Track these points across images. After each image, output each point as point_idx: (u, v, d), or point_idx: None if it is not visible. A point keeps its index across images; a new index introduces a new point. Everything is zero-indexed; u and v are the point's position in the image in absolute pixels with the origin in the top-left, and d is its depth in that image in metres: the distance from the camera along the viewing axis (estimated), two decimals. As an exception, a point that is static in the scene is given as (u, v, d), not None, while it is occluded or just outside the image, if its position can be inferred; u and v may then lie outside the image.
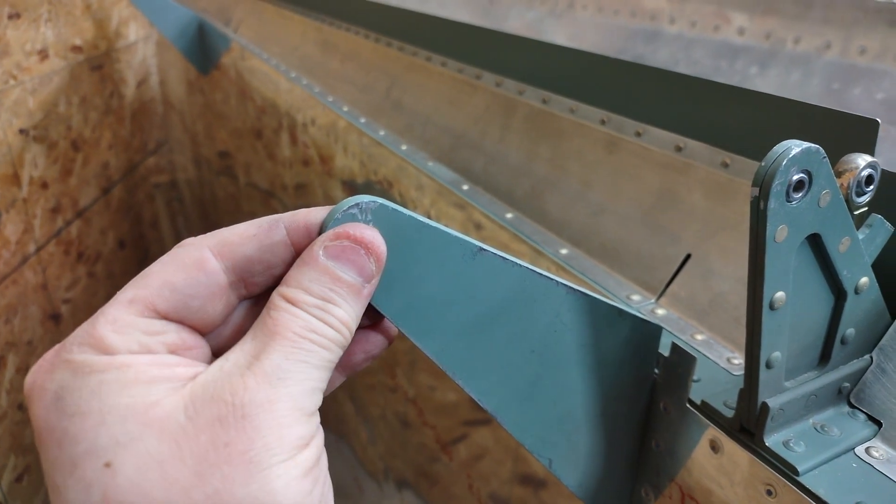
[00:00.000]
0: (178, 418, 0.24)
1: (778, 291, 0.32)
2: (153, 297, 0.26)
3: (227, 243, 0.28)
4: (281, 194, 1.35)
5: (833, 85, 0.88)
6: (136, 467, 0.23)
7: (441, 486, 0.84)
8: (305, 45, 1.31)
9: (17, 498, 1.43)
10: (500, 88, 0.76)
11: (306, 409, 0.25)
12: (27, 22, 1.50)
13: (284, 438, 0.24)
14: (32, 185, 1.51)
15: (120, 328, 0.26)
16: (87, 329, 0.26)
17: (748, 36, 0.98)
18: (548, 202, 0.63)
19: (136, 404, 0.24)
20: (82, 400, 0.24)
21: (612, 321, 0.37)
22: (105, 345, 0.25)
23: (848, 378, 0.37)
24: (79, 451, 0.23)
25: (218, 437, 0.23)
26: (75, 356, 0.25)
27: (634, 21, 1.13)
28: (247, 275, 0.28)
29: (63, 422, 0.24)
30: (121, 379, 0.24)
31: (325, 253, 0.27)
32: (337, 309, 0.27)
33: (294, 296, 0.26)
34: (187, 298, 0.27)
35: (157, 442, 0.23)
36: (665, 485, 0.41)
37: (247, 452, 0.23)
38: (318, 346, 0.26)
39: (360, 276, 0.27)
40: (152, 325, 0.26)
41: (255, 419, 0.24)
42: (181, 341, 0.27)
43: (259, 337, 0.26)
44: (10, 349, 1.40)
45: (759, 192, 0.29)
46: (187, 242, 0.28)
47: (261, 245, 0.28)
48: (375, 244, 0.27)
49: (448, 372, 0.32)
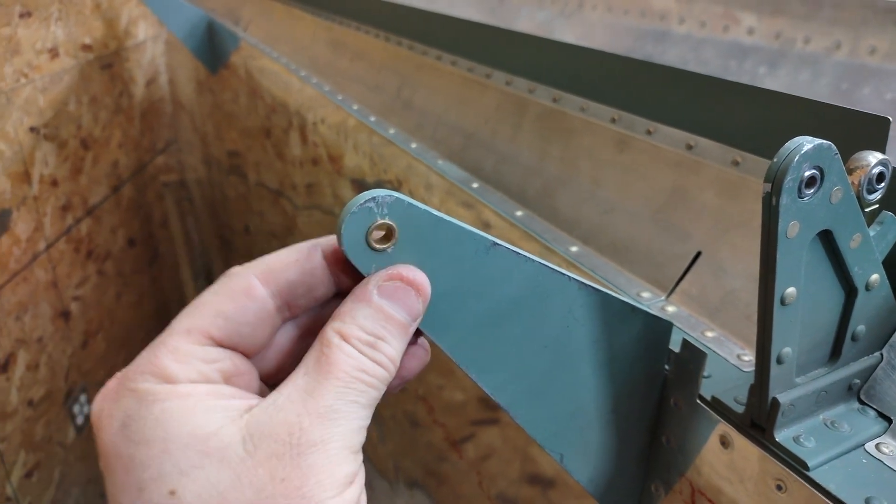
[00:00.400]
0: (238, 451, 0.25)
1: (789, 287, 0.32)
2: (208, 327, 0.28)
3: (272, 270, 0.29)
4: (290, 193, 1.36)
5: (842, 85, 0.88)
6: (197, 495, 0.25)
7: (449, 485, 0.85)
8: (315, 44, 1.32)
9: (28, 494, 1.44)
10: (510, 87, 0.76)
11: (354, 446, 0.27)
12: (38, 21, 1.51)
13: (335, 476, 0.26)
14: (43, 183, 1.52)
15: (180, 357, 0.27)
16: (149, 358, 0.27)
17: (757, 36, 0.98)
18: (558, 200, 0.63)
19: (197, 434, 0.25)
20: (147, 428, 0.25)
21: (624, 317, 0.37)
22: (167, 374, 0.27)
23: (858, 375, 0.38)
24: (145, 478, 0.25)
25: (276, 471, 0.25)
26: (139, 385, 0.27)
27: (644, 21, 1.13)
28: (290, 298, 0.30)
29: (130, 448, 0.25)
30: (182, 408, 0.26)
31: (379, 292, 0.28)
32: (386, 346, 0.28)
33: (348, 331, 0.28)
34: (239, 326, 0.29)
35: (216, 471, 0.25)
36: (675, 480, 0.41)
37: (301, 488, 0.25)
38: (368, 385, 0.27)
39: (409, 316, 0.29)
40: (209, 354, 0.28)
41: (310, 457, 0.25)
42: (234, 368, 0.29)
43: (312, 374, 0.27)
44: (20, 346, 1.41)
45: (771, 188, 0.29)
46: (234, 272, 0.30)
47: (302, 270, 0.30)
48: (425, 287, 0.29)
49: (462, 366, 0.33)
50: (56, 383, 1.56)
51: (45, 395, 1.51)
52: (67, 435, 1.62)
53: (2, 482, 1.34)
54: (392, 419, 1.00)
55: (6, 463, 1.36)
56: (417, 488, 0.95)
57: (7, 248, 1.37)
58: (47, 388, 1.52)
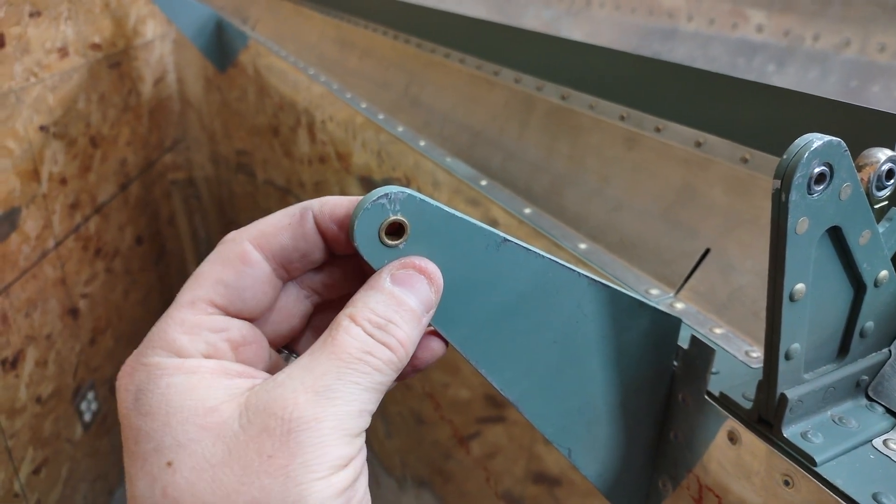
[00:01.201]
0: (233, 426, 0.25)
1: (798, 283, 0.32)
2: (211, 295, 0.29)
3: (264, 235, 0.30)
4: (298, 191, 1.36)
5: (851, 82, 0.88)
6: (191, 468, 0.25)
7: (455, 483, 0.85)
8: (323, 42, 1.32)
9: (36, 490, 1.44)
10: (518, 85, 0.76)
11: (351, 430, 0.26)
12: (48, 20, 1.51)
13: (324, 457, 0.25)
14: (52, 181, 1.53)
15: (188, 329, 0.28)
16: (159, 333, 0.28)
17: (766, 33, 0.98)
18: (566, 198, 0.64)
19: (198, 408, 0.26)
20: (153, 401, 0.26)
21: (632, 313, 0.37)
22: (176, 347, 0.27)
23: (866, 371, 0.38)
24: (148, 449, 0.25)
25: (263, 447, 0.25)
26: (150, 359, 0.27)
27: (652, 19, 1.13)
28: (285, 262, 0.30)
29: (138, 420, 0.26)
30: (186, 383, 0.26)
31: (392, 280, 0.28)
32: (397, 330, 0.28)
33: (358, 314, 0.28)
34: (240, 291, 0.29)
35: (211, 446, 0.25)
36: (683, 476, 0.42)
37: (286, 467, 0.25)
38: (372, 368, 0.27)
39: (422, 304, 0.29)
40: (215, 322, 0.28)
41: (300, 435, 0.25)
42: (241, 337, 0.29)
43: (316, 355, 0.27)
44: (29, 342, 1.42)
45: (780, 185, 0.29)
46: (228, 238, 0.30)
47: (294, 233, 0.30)
48: (437, 276, 0.29)
49: (471, 361, 0.33)
50: (64, 380, 1.57)
51: (53, 391, 1.52)
52: (75, 431, 1.63)
53: (10, 478, 1.35)
54: (399, 416, 1.00)
55: (14, 459, 1.36)
56: (423, 485, 0.95)
57: (17, 246, 1.38)
58: (56, 384, 1.53)
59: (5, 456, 1.33)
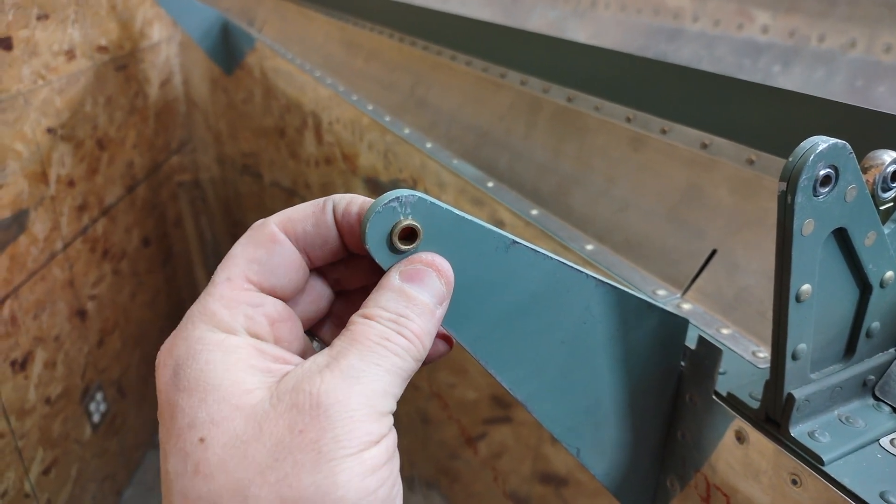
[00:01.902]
0: (265, 405, 0.26)
1: (804, 284, 0.32)
2: (245, 272, 0.30)
3: (290, 220, 0.31)
4: (304, 192, 1.37)
5: (857, 83, 0.88)
6: (223, 444, 0.25)
7: (462, 483, 0.85)
8: (329, 44, 1.32)
9: (45, 490, 1.45)
10: (524, 87, 0.77)
11: (378, 407, 0.27)
12: (55, 23, 1.52)
13: (353, 433, 0.26)
14: (60, 183, 1.54)
15: (227, 303, 0.29)
16: (199, 308, 0.29)
17: (772, 34, 0.98)
18: (573, 199, 0.64)
19: (234, 388, 0.26)
20: (192, 376, 0.27)
21: (640, 314, 0.37)
22: (217, 319, 0.28)
23: (873, 371, 0.38)
24: (183, 425, 0.26)
25: (295, 423, 0.25)
26: (191, 332, 0.28)
27: (657, 19, 1.13)
28: (308, 247, 0.31)
29: (175, 395, 0.27)
30: (225, 362, 0.27)
31: (401, 276, 0.29)
32: (411, 323, 0.29)
33: (371, 311, 0.29)
34: (272, 268, 0.30)
35: (243, 424, 0.26)
36: (690, 475, 0.42)
37: (317, 441, 0.25)
38: (391, 352, 0.28)
39: (433, 298, 0.29)
40: (252, 298, 0.29)
41: (329, 409, 0.25)
42: (276, 313, 0.30)
43: (338, 345, 0.28)
44: (38, 344, 1.42)
45: (786, 187, 0.30)
46: (256, 224, 0.31)
47: (317, 221, 0.31)
48: (446, 268, 0.30)
49: (481, 361, 0.33)
50: (73, 381, 1.58)
51: (62, 392, 1.52)
52: (84, 432, 1.64)
53: (21, 478, 1.36)
54: (406, 416, 1.01)
55: (25, 459, 1.37)
56: (432, 486, 0.96)
57: (25, 248, 1.38)
58: (64, 385, 1.54)
59: (16, 456, 1.34)
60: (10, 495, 1.32)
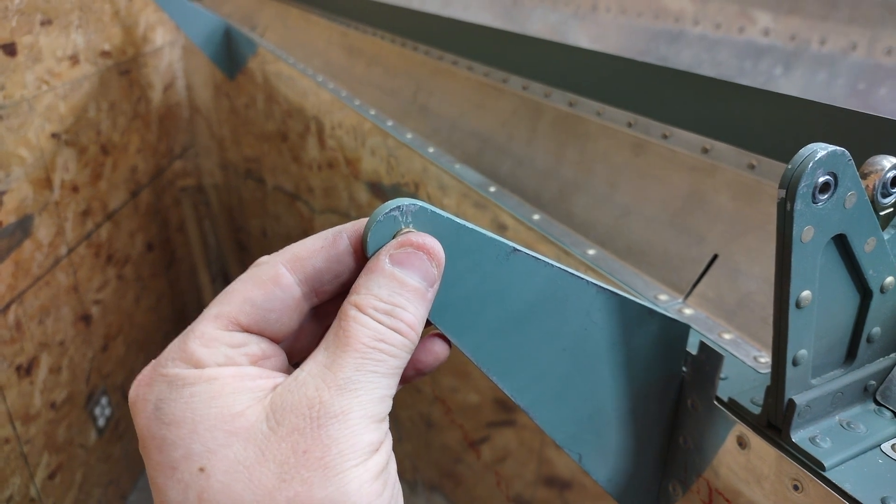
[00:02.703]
0: (262, 427, 0.26)
1: (804, 290, 0.32)
2: (236, 313, 0.29)
3: (298, 258, 0.30)
4: (307, 197, 1.37)
5: (859, 85, 0.88)
6: (225, 471, 0.26)
7: (465, 487, 0.85)
8: (331, 49, 1.33)
9: (51, 495, 1.46)
10: (526, 92, 0.77)
11: (376, 416, 0.27)
12: (59, 28, 1.53)
13: (357, 445, 0.26)
14: (64, 188, 1.54)
15: (207, 342, 0.28)
16: (179, 345, 0.28)
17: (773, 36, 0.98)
18: (575, 204, 0.64)
19: (224, 415, 0.27)
20: (177, 410, 0.27)
21: (641, 320, 0.38)
22: (195, 359, 0.28)
23: (874, 376, 0.38)
24: (176, 457, 0.26)
25: (298, 445, 0.26)
26: (169, 370, 0.28)
27: (658, 22, 1.13)
28: (317, 284, 0.31)
29: (162, 430, 0.27)
30: (209, 391, 0.27)
31: (391, 260, 0.29)
32: (404, 313, 0.28)
33: (364, 302, 0.28)
34: (266, 312, 0.30)
35: (243, 449, 0.26)
36: (693, 480, 0.42)
37: (323, 458, 0.26)
38: (387, 354, 0.28)
39: (424, 280, 0.29)
40: (235, 338, 0.29)
41: (330, 429, 0.26)
42: (261, 352, 0.30)
43: (331, 348, 0.28)
44: (43, 349, 1.43)
45: (785, 194, 0.30)
46: (262, 261, 0.31)
47: (328, 256, 0.30)
48: (436, 250, 0.29)
49: (483, 369, 0.34)
50: (77, 386, 1.59)
51: (66, 397, 1.53)
52: (89, 437, 1.64)
53: (26, 483, 1.36)
54: (409, 420, 1.01)
55: (30, 465, 1.38)
56: (435, 490, 0.96)
57: (29, 254, 1.39)
58: (69, 390, 1.54)
59: (21, 461, 1.34)
60: (16, 500, 1.33)
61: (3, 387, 1.29)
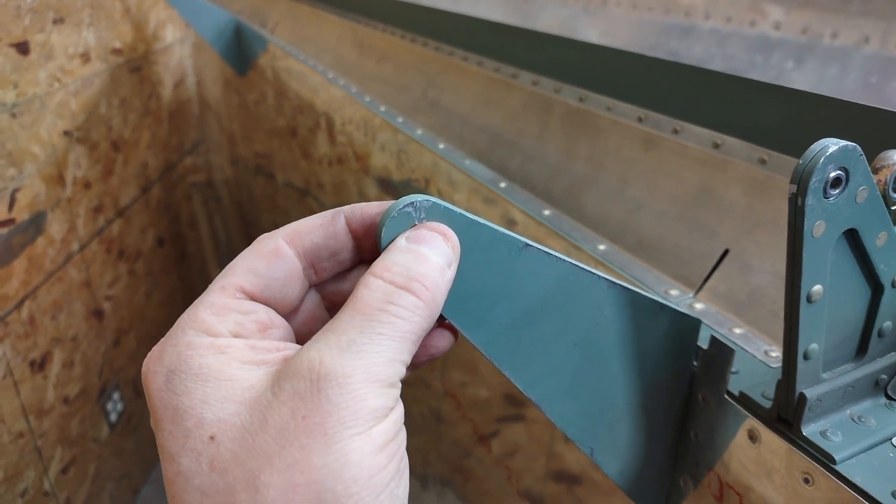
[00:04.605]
0: (267, 395, 0.26)
1: (815, 285, 0.33)
2: (241, 282, 0.30)
3: (297, 233, 0.31)
4: (317, 192, 1.38)
5: (871, 79, 0.87)
6: (233, 439, 0.26)
7: (476, 481, 0.86)
8: (341, 45, 1.33)
9: (64, 489, 1.47)
10: (536, 87, 0.77)
11: (384, 379, 0.26)
12: (70, 26, 1.54)
13: (359, 412, 0.25)
14: (76, 185, 1.55)
15: (217, 310, 0.29)
16: (190, 315, 0.29)
17: (784, 30, 0.98)
18: (585, 199, 0.64)
19: (234, 387, 0.27)
20: (189, 381, 0.27)
21: (652, 315, 0.38)
22: (206, 326, 0.28)
23: (885, 370, 0.38)
24: (189, 426, 0.26)
25: (297, 410, 0.25)
26: (180, 339, 0.28)
27: (669, 17, 1.13)
28: (315, 260, 0.32)
29: (174, 400, 0.27)
30: (219, 363, 0.27)
31: (409, 240, 0.29)
32: (420, 275, 0.28)
33: (378, 267, 0.28)
34: (269, 281, 0.30)
35: (249, 416, 0.26)
36: (703, 474, 0.42)
37: (322, 425, 0.25)
38: (396, 316, 0.27)
39: (441, 257, 0.29)
40: (243, 306, 0.30)
41: (329, 393, 0.25)
42: (269, 320, 0.30)
43: (340, 315, 0.27)
44: (56, 344, 1.44)
45: (797, 189, 0.30)
46: (264, 236, 0.31)
47: (326, 233, 0.31)
48: (451, 234, 0.30)
49: (495, 363, 0.34)
50: (90, 381, 1.60)
51: (79, 392, 1.54)
52: (101, 431, 1.65)
53: (40, 477, 1.38)
54: (419, 415, 1.01)
55: (44, 459, 1.39)
56: (446, 485, 0.96)
57: (42, 250, 1.40)
58: (82, 385, 1.55)
59: (35, 455, 1.36)
60: (30, 494, 1.34)
61: (17, 381, 1.30)
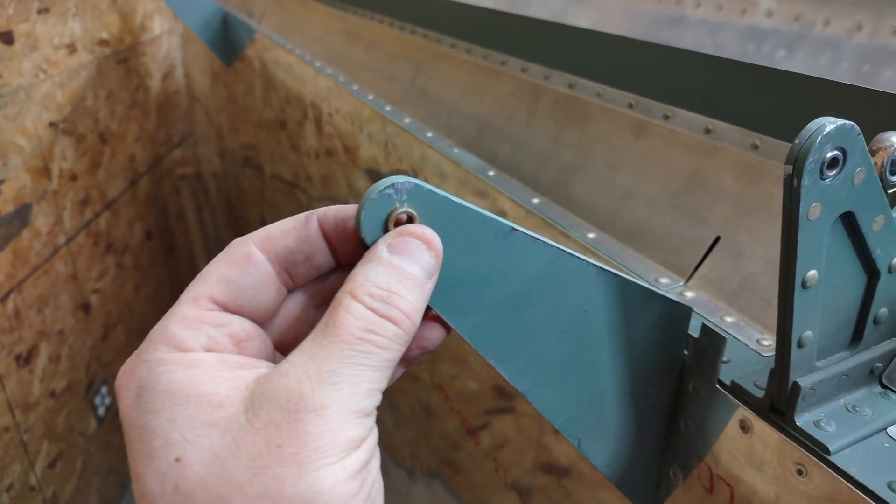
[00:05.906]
0: (240, 419, 0.25)
1: (810, 270, 0.32)
2: (212, 291, 0.29)
3: (270, 237, 0.30)
4: (305, 185, 1.36)
5: (863, 67, 0.87)
6: (200, 462, 0.25)
7: (465, 473, 0.85)
8: (329, 35, 1.32)
9: (51, 484, 1.46)
10: (525, 74, 0.76)
11: (360, 411, 0.26)
12: (55, 16, 1.52)
13: (335, 442, 0.25)
14: (62, 177, 1.53)
15: (189, 324, 0.28)
16: (160, 329, 0.28)
17: (776, 19, 0.97)
18: (575, 187, 0.63)
19: (203, 404, 0.26)
20: (157, 398, 0.26)
21: (642, 302, 0.37)
22: (177, 341, 0.27)
23: (880, 358, 0.37)
24: (155, 446, 0.25)
25: (272, 438, 0.25)
26: (151, 355, 0.27)
27: (659, 6, 1.12)
28: (289, 265, 0.31)
29: (142, 418, 0.26)
30: (188, 378, 0.26)
31: (390, 249, 0.28)
32: (402, 301, 0.27)
33: (359, 290, 0.27)
34: (242, 289, 0.29)
35: (219, 440, 0.25)
36: (693, 465, 0.41)
37: (298, 454, 0.25)
38: (377, 346, 0.26)
39: (423, 271, 0.28)
40: (216, 318, 0.29)
41: (307, 424, 0.25)
42: (243, 332, 0.29)
43: (319, 339, 0.27)
44: (42, 338, 1.42)
45: (792, 170, 0.29)
46: (234, 242, 0.30)
47: (299, 236, 0.30)
48: (435, 241, 0.29)
49: (480, 352, 0.33)
50: (77, 375, 1.58)
51: (66, 386, 1.53)
52: (89, 426, 1.64)
53: (26, 472, 1.36)
54: (408, 407, 1.00)
55: (30, 453, 1.38)
56: (434, 477, 0.96)
57: (28, 242, 1.38)
58: (69, 379, 1.54)
59: (21, 450, 1.34)
60: (16, 489, 1.33)
61: (2, 375, 1.28)
